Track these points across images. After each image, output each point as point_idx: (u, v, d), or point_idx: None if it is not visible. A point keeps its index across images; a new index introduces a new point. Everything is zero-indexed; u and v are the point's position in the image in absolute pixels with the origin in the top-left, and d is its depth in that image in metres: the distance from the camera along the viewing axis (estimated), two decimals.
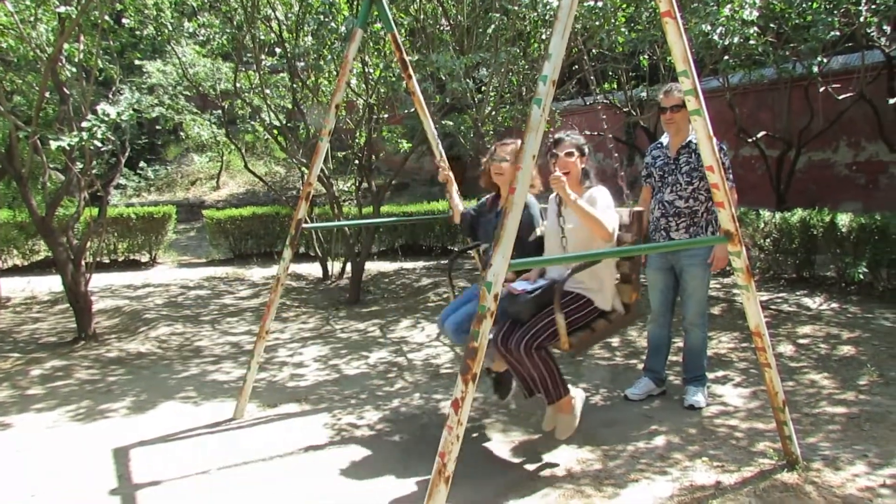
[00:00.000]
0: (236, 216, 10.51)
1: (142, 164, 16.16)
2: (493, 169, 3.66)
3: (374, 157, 8.28)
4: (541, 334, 3.13)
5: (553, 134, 3.53)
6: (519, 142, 3.67)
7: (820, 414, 3.78)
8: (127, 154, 6.39)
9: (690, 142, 3.88)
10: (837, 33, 6.99)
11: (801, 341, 5.12)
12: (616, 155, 4.69)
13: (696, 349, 4.01)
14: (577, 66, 7.95)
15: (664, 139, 4.09)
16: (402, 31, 7.20)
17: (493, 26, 6.23)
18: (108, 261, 10.20)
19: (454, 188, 4.14)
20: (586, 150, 3.45)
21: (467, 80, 5.82)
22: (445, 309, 3.69)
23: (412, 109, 6.60)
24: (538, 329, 3.14)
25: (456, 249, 10.76)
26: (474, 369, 2.28)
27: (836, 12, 6.75)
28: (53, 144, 4.80)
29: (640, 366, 4.56)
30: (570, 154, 3.38)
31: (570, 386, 3.31)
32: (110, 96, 6.68)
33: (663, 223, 3.98)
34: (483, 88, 7.06)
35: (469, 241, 4.21)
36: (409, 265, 9.76)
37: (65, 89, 5.54)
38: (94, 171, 5.77)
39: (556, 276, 3.33)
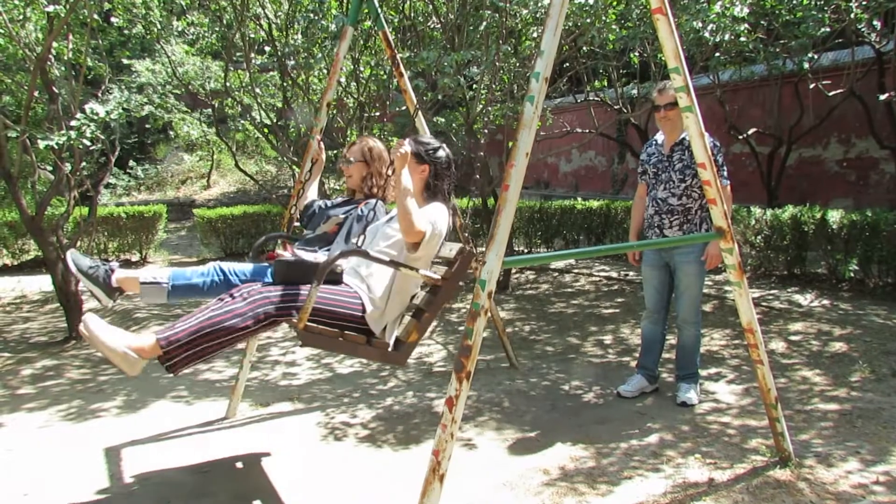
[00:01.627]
0: (227, 215, 10.46)
1: (132, 163, 16.07)
2: (344, 170, 3.54)
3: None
4: (279, 299, 2.61)
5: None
6: (367, 141, 3.53)
7: (812, 410, 3.80)
8: (117, 153, 6.34)
9: (684, 139, 3.89)
10: (828, 29, 7.02)
11: (793, 338, 5.14)
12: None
13: (689, 346, 4.01)
14: (568, 64, 7.95)
15: (659, 137, 4.10)
16: (393, 28, 7.17)
17: (484, 24, 6.22)
18: None
19: (319, 175, 3.85)
20: (438, 164, 3.05)
21: (458, 77, 5.80)
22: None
23: (403, 107, 6.58)
24: (282, 293, 2.64)
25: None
26: (468, 367, 2.27)
27: (826, 8, 6.78)
28: (42, 143, 4.76)
29: (633, 363, 4.57)
30: (418, 156, 3.00)
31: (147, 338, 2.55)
32: (99, 95, 6.63)
33: (657, 220, 3.99)
34: (474, 86, 7.05)
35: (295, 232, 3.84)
36: None
37: (54, 88, 5.49)
38: (83, 171, 5.73)
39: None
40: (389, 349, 2.80)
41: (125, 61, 9.81)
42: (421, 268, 2.80)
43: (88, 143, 4.94)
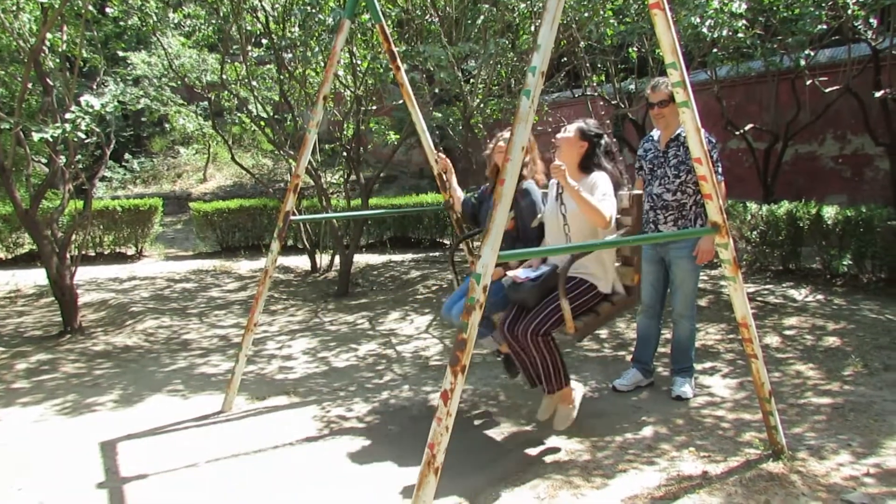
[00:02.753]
0: (223, 209, 10.45)
1: (127, 156, 16.02)
2: (497, 149, 3.73)
3: (362, 149, 8.25)
4: (547, 320, 3.17)
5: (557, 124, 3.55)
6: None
7: (805, 404, 3.82)
8: (112, 146, 6.32)
9: (679, 135, 3.90)
10: (825, 26, 7.03)
11: (787, 332, 5.17)
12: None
13: (684, 341, 4.03)
14: (566, 59, 7.94)
15: (655, 133, 4.11)
16: (390, 21, 7.16)
17: (481, 17, 6.21)
18: (93, 254, 10.11)
19: (453, 177, 4.23)
20: (591, 135, 3.42)
21: (455, 72, 5.79)
22: (449, 299, 3.73)
23: (400, 101, 6.58)
24: (544, 315, 3.18)
25: (446, 242, 10.77)
26: (463, 361, 2.28)
27: (823, 5, 6.78)
28: (36, 136, 4.74)
29: (629, 357, 4.58)
30: (568, 140, 3.40)
31: (570, 377, 3.36)
32: (94, 87, 6.60)
33: (652, 216, 4.00)
34: (472, 80, 7.05)
35: (469, 230, 4.28)
36: (397, 258, 9.75)
37: (48, 80, 5.47)
38: (78, 164, 5.71)
39: (557, 262, 3.37)
40: (628, 297, 3.46)
41: (120, 53, 9.75)
42: (613, 230, 3.31)
43: (83, 136, 4.92)
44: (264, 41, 7.50)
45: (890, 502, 2.72)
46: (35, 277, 8.40)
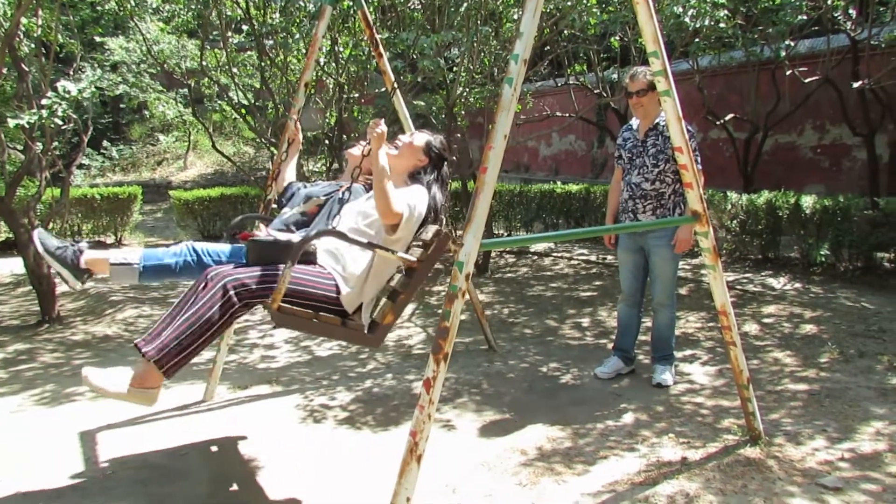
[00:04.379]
0: (204, 197, 10.33)
1: (106, 143, 15.78)
2: (350, 156, 3.45)
3: (344, 137, 8.20)
4: (251, 280, 2.56)
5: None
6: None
7: (783, 391, 3.88)
8: (90, 133, 6.22)
9: (658, 124, 3.92)
10: (805, 17, 7.08)
11: (766, 320, 5.24)
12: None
13: (664, 329, 4.07)
14: (548, 48, 7.93)
15: (634, 122, 4.13)
16: (372, 8, 7.10)
17: (465, 5, 6.18)
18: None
19: (296, 153, 3.77)
20: (434, 154, 3.10)
21: (438, 60, 5.76)
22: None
23: (383, 89, 6.53)
24: (256, 274, 2.59)
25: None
26: (446, 349, 2.28)
27: None
28: (12, 122, 4.65)
29: (610, 345, 4.63)
30: (411, 147, 3.09)
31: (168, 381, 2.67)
32: (71, 73, 6.49)
33: (631, 205, 4.03)
34: (454, 69, 7.02)
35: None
36: None
37: (23, 66, 5.36)
38: (55, 151, 5.61)
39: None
40: (365, 331, 2.76)
41: (98, 39, 9.59)
42: (398, 250, 2.79)
43: (60, 123, 4.84)
44: (245, 27, 7.39)
45: (863, 486, 2.78)
46: (12, 266, 8.26)
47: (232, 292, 2.52)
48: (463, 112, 7.51)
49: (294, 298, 2.63)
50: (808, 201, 6.44)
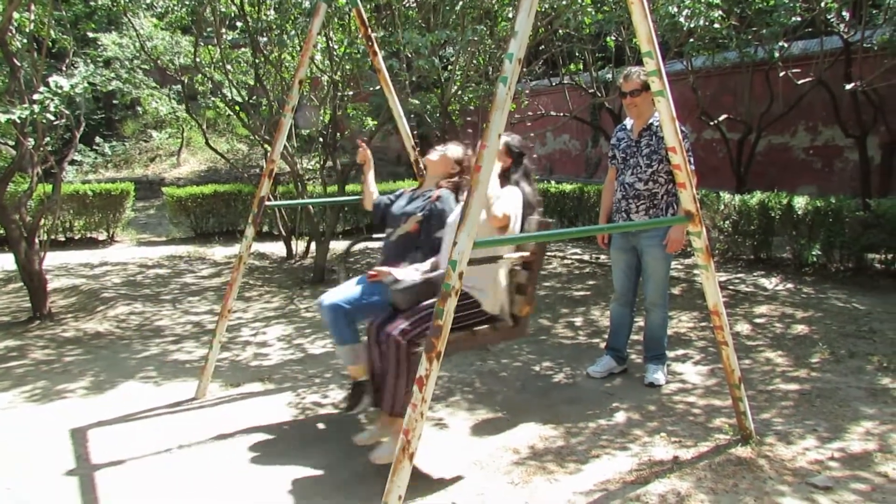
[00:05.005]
0: (197, 194, 10.30)
1: (98, 139, 15.68)
2: (428, 162, 3.66)
3: (339, 135, 8.18)
4: (417, 325, 2.94)
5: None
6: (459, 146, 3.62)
7: (774, 391, 3.90)
8: (82, 129, 6.19)
9: (651, 124, 3.93)
10: (798, 18, 7.11)
11: (758, 320, 5.26)
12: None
13: (656, 328, 4.08)
14: (543, 47, 7.94)
15: (628, 122, 4.13)
16: (368, 6, 7.09)
17: (460, 4, 6.18)
18: (64, 239, 9.92)
19: (371, 172, 3.91)
20: (516, 152, 3.28)
21: (433, 59, 5.76)
22: (329, 291, 3.50)
23: (378, 87, 6.52)
24: (416, 319, 2.96)
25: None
26: (438, 347, 2.28)
27: None
28: (3, 118, 4.62)
29: (603, 345, 4.64)
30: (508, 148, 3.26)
31: None
32: (63, 69, 6.45)
33: (624, 205, 4.04)
34: (449, 67, 7.02)
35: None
36: (374, 245, 9.71)
37: (15, 61, 5.33)
38: (47, 146, 5.58)
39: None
40: (512, 327, 3.18)
41: (91, 34, 9.53)
42: (511, 252, 3.10)
43: (52, 118, 4.81)
44: (239, 24, 7.37)
45: (853, 485, 2.80)
46: (2, 263, 8.22)
47: (404, 343, 2.92)
48: (458, 111, 7.51)
49: (452, 327, 2.89)
50: (800, 202, 6.48)
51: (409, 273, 3.16)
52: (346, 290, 3.40)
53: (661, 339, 4.11)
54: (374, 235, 4.03)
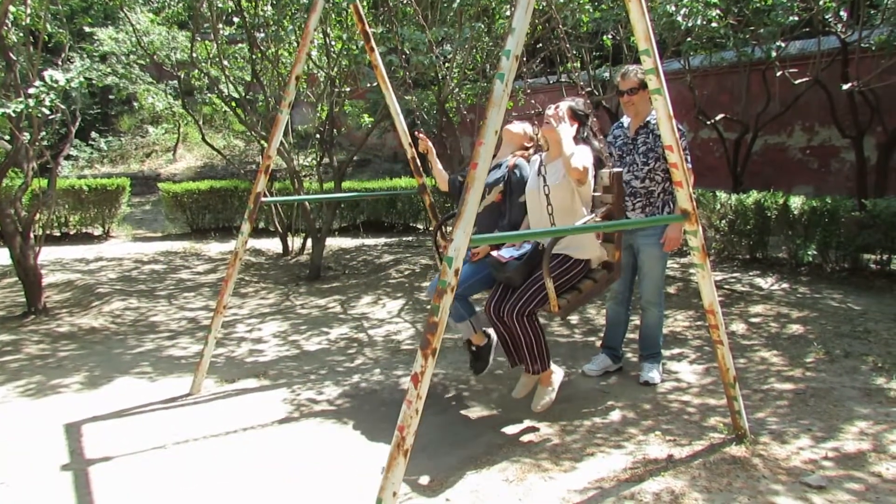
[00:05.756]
0: (193, 190, 10.27)
1: (94, 134, 15.63)
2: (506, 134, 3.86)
3: (335, 131, 8.17)
4: (532, 300, 3.22)
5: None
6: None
7: (769, 390, 3.91)
8: (78, 124, 6.16)
9: (648, 122, 3.93)
10: (796, 18, 7.11)
11: (753, 320, 5.27)
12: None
13: (652, 327, 4.09)
14: (541, 45, 7.93)
15: (625, 119, 4.13)
16: (365, 2, 7.07)
17: (457, 1, 6.16)
18: (59, 234, 9.89)
19: (435, 157, 4.16)
20: (581, 115, 3.49)
21: (431, 55, 5.75)
22: (432, 282, 3.78)
23: (375, 83, 6.51)
24: (529, 295, 3.23)
25: (419, 227, 10.74)
26: (434, 344, 2.28)
27: None
28: None
29: (598, 343, 4.64)
30: (558, 113, 3.45)
31: (552, 361, 3.42)
32: (59, 63, 6.43)
33: None
34: (447, 64, 7.00)
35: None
36: (370, 241, 9.71)
37: (11, 55, 5.30)
38: (42, 141, 5.56)
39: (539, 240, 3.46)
40: (609, 273, 3.44)
41: (87, 29, 9.49)
42: (588, 199, 3.37)
43: (47, 113, 4.79)
44: (236, 19, 7.34)
45: (847, 485, 2.80)
46: None
47: (523, 318, 3.23)
48: (455, 108, 7.50)
49: (560, 292, 3.26)
50: (796, 202, 6.48)
51: (508, 252, 3.39)
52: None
53: (657, 338, 4.11)
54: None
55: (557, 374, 3.48)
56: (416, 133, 4.22)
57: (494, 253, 3.40)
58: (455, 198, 4.11)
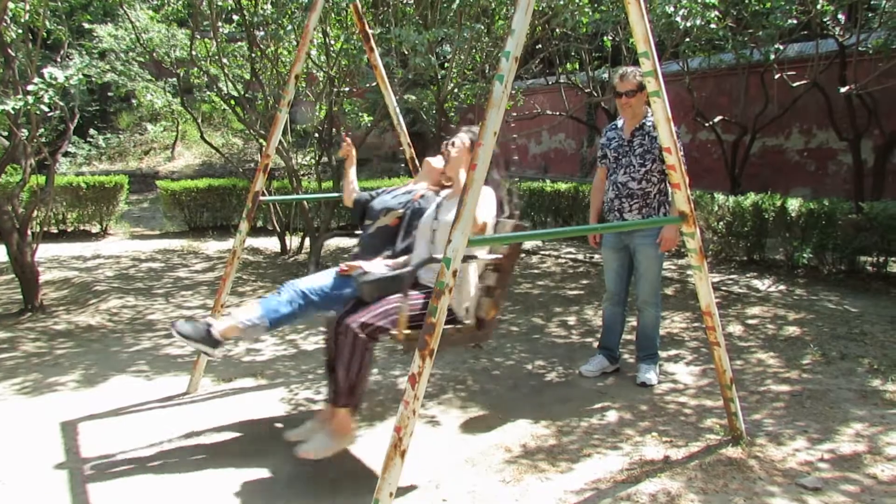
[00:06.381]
0: (192, 188, 10.26)
1: (92, 131, 15.62)
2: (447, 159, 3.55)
3: (334, 130, 8.17)
4: (378, 318, 2.90)
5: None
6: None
7: (765, 392, 3.92)
8: (76, 121, 6.15)
9: (644, 124, 3.94)
10: (794, 21, 7.13)
11: (750, 322, 5.28)
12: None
13: (649, 328, 4.09)
14: (540, 46, 7.94)
15: (619, 121, 4.14)
16: (365, 2, 7.07)
17: (457, 1, 6.16)
18: (56, 231, 9.87)
19: (353, 168, 3.92)
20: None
21: (430, 56, 5.76)
22: (301, 278, 3.36)
23: (374, 83, 6.50)
24: (379, 312, 2.92)
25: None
26: (431, 345, 2.28)
27: (793, 0, 6.88)
28: None
29: (595, 344, 4.65)
30: (463, 149, 3.24)
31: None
32: (58, 60, 6.41)
33: (617, 204, 4.05)
34: (446, 65, 7.01)
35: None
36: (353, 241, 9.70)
37: (9, 51, 5.29)
38: (41, 138, 5.55)
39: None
40: (476, 330, 3.11)
41: (86, 26, 9.48)
42: (483, 252, 3.06)
43: (46, 109, 4.78)
44: (235, 17, 7.34)
45: (843, 486, 2.81)
46: None
47: (362, 335, 2.86)
48: (454, 108, 7.51)
49: (414, 322, 2.89)
50: (793, 204, 6.50)
51: (378, 267, 3.20)
52: (318, 280, 3.29)
53: (654, 339, 4.12)
54: (356, 233, 3.98)
55: (351, 436, 3.00)
56: (343, 135, 3.99)
57: (364, 264, 3.21)
58: (356, 216, 3.81)
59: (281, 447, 3.27)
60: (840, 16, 7.38)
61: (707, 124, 9.17)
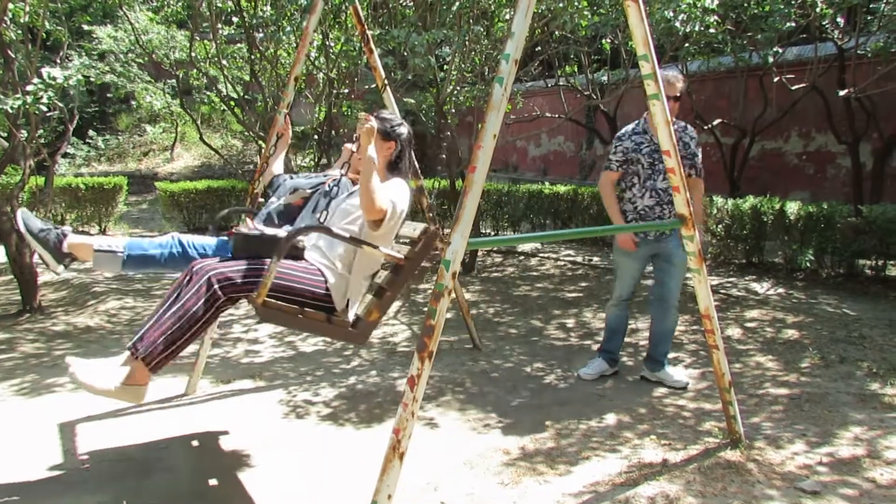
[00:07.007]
0: (191, 189, 10.26)
1: (91, 133, 15.62)
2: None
3: (333, 132, 8.17)
4: (238, 274, 2.57)
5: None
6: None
7: (764, 395, 3.92)
8: (75, 122, 6.15)
9: (676, 129, 3.85)
10: (793, 24, 7.14)
11: (749, 325, 5.28)
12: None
13: (671, 329, 4.11)
14: (539, 48, 7.95)
15: (638, 125, 4.03)
16: (364, 4, 7.07)
17: (457, 4, 6.17)
18: None
19: (284, 148, 3.80)
20: (396, 134, 2.99)
21: (429, 58, 5.76)
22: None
23: (373, 85, 6.50)
24: (242, 269, 2.59)
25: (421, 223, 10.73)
26: (431, 347, 2.28)
27: (792, 3, 6.89)
28: None
29: (595, 346, 4.65)
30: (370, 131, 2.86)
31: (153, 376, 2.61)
32: (58, 61, 6.41)
33: (658, 211, 3.95)
34: (445, 67, 7.01)
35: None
36: None
37: (9, 52, 5.29)
38: (40, 139, 5.54)
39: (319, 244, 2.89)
40: (350, 328, 2.77)
41: (86, 27, 9.49)
42: (383, 246, 2.78)
43: (45, 110, 4.78)
44: (235, 19, 7.35)
45: (841, 490, 2.81)
46: None
47: (216, 286, 2.52)
48: (453, 110, 7.51)
49: (280, 293, 2.64)
50: (792, 207, 6.50)
51: (258, 227, 2.95)
52: (203, 238, 3.03)
53: (671, 340, 4.14)
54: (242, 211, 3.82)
55: (141, 394, 2.54)
56: (277, 115, 3.79)
57: (250, 222, 3.01)
58: (267, 196, 3.62)
59: (279, 448, 3.27)
60: (839, 19, 7.39)
61: (706, 127, 9.18)
